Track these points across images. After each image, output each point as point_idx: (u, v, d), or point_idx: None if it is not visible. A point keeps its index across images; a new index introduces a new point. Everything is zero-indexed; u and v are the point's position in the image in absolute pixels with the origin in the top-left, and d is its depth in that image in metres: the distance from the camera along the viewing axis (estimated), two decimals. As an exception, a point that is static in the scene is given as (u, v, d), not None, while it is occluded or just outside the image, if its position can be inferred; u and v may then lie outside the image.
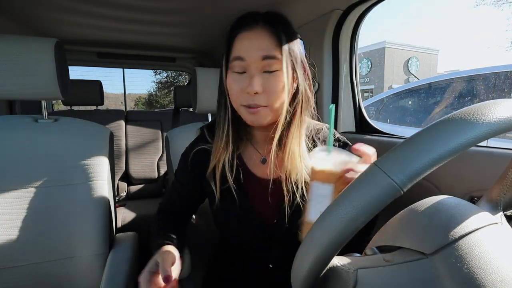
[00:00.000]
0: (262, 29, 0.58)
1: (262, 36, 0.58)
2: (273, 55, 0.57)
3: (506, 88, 1.85)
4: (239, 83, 0.59)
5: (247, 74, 0.58)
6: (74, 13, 1.41)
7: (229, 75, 0.60)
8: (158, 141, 2.11)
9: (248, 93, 0.57)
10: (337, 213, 0.30)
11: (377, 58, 17.41)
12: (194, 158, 0.70)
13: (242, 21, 0.60)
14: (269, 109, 0.59)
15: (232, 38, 0.60)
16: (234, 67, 0.59)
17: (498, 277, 0.29)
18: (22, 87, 0.80)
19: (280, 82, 0.57)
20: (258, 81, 0.57)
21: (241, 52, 0.58)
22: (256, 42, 0.57)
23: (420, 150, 0.28)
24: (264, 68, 0.58)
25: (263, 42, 0.57)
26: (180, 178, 0.74)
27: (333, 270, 0.36)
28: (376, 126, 1.20)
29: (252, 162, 0.69)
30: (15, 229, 0.79)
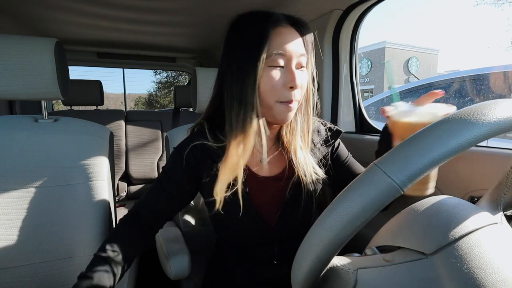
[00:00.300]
0: (291, 27, 0.60)
1: (294, 34, 0.59)
2: (304, 53, 0.60)
3: (506, 88, 1.85)
4: (281, 78, 0.57)
5: (284, 69, 0.58)
6: (74, 13, 1.41)
7: (267, 70, 0.57)
8: (158, 141, 2.11)
9: (291, 87, 0.57)
10: (337, 213, 0.30)
11: (377, 58, 17.40)
12: (191, 154, 0.65)
13: (271, 16, 0.58)
14: (297, 104, 0.61)
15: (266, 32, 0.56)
16: (273, 62, 0.57)
17: (498, 277, 0.29)
18: (22, 87, 0.80)
19: (306, 78, 0.62)
20: (299, 76, 0.58)
21: (283, 47, 0.57)
22: (293, 38, 0.58)
23: (420, 150, 0.28)
24: (298, 64, 0.59)
25: (298, 39, 0.59)
26: (173, 175, 0.67)
27: (333, 270, 0.36)
28: (376, 126, 1.20)
29: (251, 161, 0.67)
30: (15, 229, 0.79)
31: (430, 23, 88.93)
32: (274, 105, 0.59)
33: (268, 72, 0.57)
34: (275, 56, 0.56)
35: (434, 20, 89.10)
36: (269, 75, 0.57)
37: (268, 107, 0.59)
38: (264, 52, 0.56)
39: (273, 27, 0.57)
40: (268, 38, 0.56)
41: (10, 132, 0.84)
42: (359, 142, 1.11)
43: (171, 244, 0.82)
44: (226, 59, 0.62)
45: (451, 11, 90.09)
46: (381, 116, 0.67)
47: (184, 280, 0.92)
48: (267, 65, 0.57)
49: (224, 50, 0.64)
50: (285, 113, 0.59)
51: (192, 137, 0.66)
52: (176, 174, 0.67)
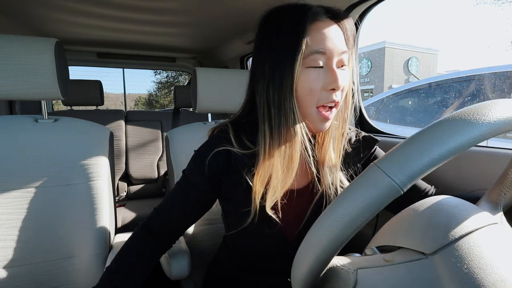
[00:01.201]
0: (330, 21, 0.52)
1: (335, 29, 0.52)
2: (346, 50, 0.52)
3: (506, 88, 1.85)
4: (320, 80, 0.51)
5: (325, 69, 0.51)
6: (74, 13, 1.41)
7: (305, 72, 0.51)
8: (158, 141, 2.10)
9: (333, 89, 0.51)
10: (337, 213, 0.30)
11: (377, 58, 17.41)
12: (213, 160, 0.59)
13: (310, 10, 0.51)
14: (336, 108, 0.54)
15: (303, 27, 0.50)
16: (312, 62, 0.50)
17: (498, 277, 0.29)
18: (22, 87, 0.80)
19: (349, 78, 0.54)
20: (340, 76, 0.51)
21: (323, 44, 0.50)
22: (334, 33, 0.51)
23: (420, 150, 0.28)
24: (339, 62, 0.52)
25: (339, 35, 0.52)
26: (193, 179, 0.61)
27: (333, 270, 0.36)
28: (376, 126, 1.20)
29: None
30: (15, 229, 0.79)
31: (430, 23, 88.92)
32: (312, 112, 0.52)
33: (307, 74, 0.51)
34: (314, 55, 0.50)
35: (434, 20, 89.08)
36: (308, 76, 0.51)
37: (305, 113, 0.53)
38: (301, 51, 0.49)
39: (311, 22, 0.50)
40: (306, 35, 0.50)
41: (10, 132, 0.84)
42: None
43: (171, 244, 0.82)
44: (258, 60, 0.56)
45: (451, 11, 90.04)
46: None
47: (184, 280, 0.92)
48: (305, 66, 0.51)
49: (255, 50, 0.57)
50: (324, 120, 0.53)
51: (215, 141, 0.59)
52: (198, 180, 0.61)
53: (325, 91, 0.51)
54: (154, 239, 0.64)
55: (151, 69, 10.77)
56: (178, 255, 0.77)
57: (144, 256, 0.62)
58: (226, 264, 0.76)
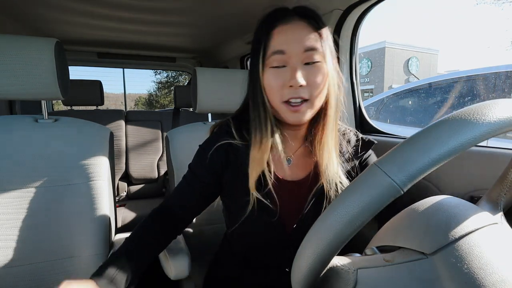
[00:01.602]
0: (299, 21, 0.57)
1: (301, 28, 0.56)
2: (314, 46, 0.56)
3: (506, 88, 1.85)
4: (280, 78, 0.56)
5: (287, 67, 0.56)
6: (74, 13, 1.41)
7: (267, 71, 0.57)
8: (158, 141, 2.10)
9: (291, 86, 0.55)
10: (337, 213, 0.30)
11: (377, 58, 17.40)
12: (215, 153, 0.64)
13: (276, 14, 0.58)
14: (310, 103, 0.57)
15: (267, 32, 0.57)
16: (272, 62, 0.56)
17: (498, 277, 0.29)
18: (22, 87, 0.80)
19: (322, 73, 0.56)
20: (301, 73, 0.55)
21: (281, 45, 0.55)
22: (296, 34, 0.56)
23: (420, 150, 0.28)
24: (305, 60, 0.56)
25: (303, 34, 0.56)
26: (198, 172, 0.66)
27: (333, 270, 0.36)
28: (376, 126, 1.20)
29: (277, 164, 0.63)
30: (15, 229, 0.79)
31: (430, 23, 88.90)
32: (280, 106, 0.58)
33: (269, 73, 0.57)
34: (274, 56, 0.56)
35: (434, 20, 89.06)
36: (269, 76, 0.57)
37: (275, 108, 0.59)
38: (261, 53, 0.57)
39: (276, 25, 0.57)
40: (267, 39, 0.57)
41: (10, 132, 0.84)
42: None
43: (172, 244, 0.82)
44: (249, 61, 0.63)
45: (451, 11, 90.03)
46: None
47: (184, 280, 0.92)
48: (268, 66, 0.57)
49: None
50: (290, 113, 0.57)
51: (218, 136, 0.65)
52: (201, 172, 0.66)
53: (286, 88, 0.56)
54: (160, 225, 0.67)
55: (151, 69, 10.78)
56: (178, 255, 0.77)
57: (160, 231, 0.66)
58: (226, 264, 0.76)
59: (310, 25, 0.57)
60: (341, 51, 1.21)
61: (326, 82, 0.57)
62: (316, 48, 0.56)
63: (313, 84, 0.56)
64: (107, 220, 0.88)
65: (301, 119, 0.57)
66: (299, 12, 0.58)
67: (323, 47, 0.56)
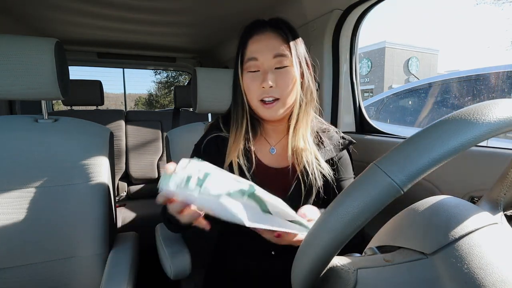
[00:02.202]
0: (270, 32, 0.67)
1: (272, 38, 0.67)
2: (283, 53, 0.66)
3: (506, 88, 1.85)
4: (255, 80, 0.67)
5: (260, 71, 0.67)
6: (74, 13, 1.41)
7: (245, 75, 0.68)
8: (158, 141, 2.10)
9: (263, 87, 0.65)
10: (337, 213, 0.30)
11: (377, 58, 17.40)
12: (207, 146, 0.74)
13: (251, 28, 0.69)
14: (281, 102, 0.67)
15: (244, 42, 0.68)
16: (249, 67, 0.67)
17: (498, 277, 0.29)
18: (22, 87, 0.80)
19: (290, 76, 0.66)
20: (271, 76, 0.65)
21: (254, 53, 0.66)
22: (266, 43, 0.66)
23: (420, 150, 0.28)
24: (275, 65, 0.66)
25: (272, 42, 0.66)
26: None
27: (333, 270, 0.36)
28: (376, 126, 1.20)
29: (262, 153, 0.74)
30: (15, 229, 0.79)
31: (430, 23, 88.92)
32: (257, 104, 0.68)
33: (246, 76, 0.68)
34: (249, 63, 0.67)
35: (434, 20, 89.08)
36: (247, 79, 0.68)
37: (254, 106, 0.69)
38: (239, 60, 0.69)
39: (250, 37, 0.68)
40: (244, 48, 0.68)
41: (10, 132, 0.84)
42: (359, 142, 1.11)
43: (171, 244, 0.82)
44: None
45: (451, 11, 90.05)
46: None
47: (184, 280, 0.92)
48: (246, 71, 0.68)
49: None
50: (265, 111, 0.67)
51: (208, 132, 0.76)
52: None
53: (260, 89, 0.66)
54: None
55: (151, 69, 10.78)
56: (178, 255, 0.77)
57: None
58: (226, 264, 0.77)
59: (280, 35, 0.67)
60: (341, 51, 1.21)
61: (294, 83, 0.67)
62: (285, 54, 0.66)
63: (282, 85, 0.66)
64: (107, 220, 0.88)
65: (274, 115, 0.68)
66: (272, 24, 0.68)
67: (292, 54, 0.66)
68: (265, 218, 0.47)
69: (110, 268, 0.79)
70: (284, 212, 0.48)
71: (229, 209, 0.44)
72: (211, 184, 0.44)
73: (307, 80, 0.70)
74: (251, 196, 0.45)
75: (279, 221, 0.47)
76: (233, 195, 0.44)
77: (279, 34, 0.67)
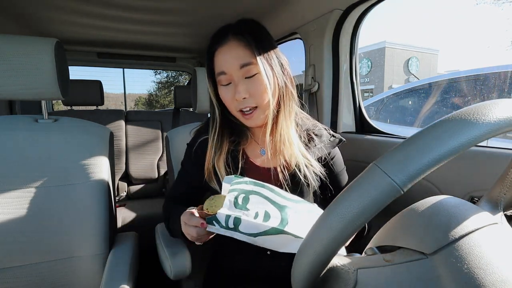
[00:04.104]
0: (233, 41, 0.65)
1: (235, 47, 0.64)
2: (249, 61, 0.64)
3: (506, 88, 1.85)
4: (228, 93, 0.66)
5: (232, 84, 0.66)
6: (74, 13, 1.41)
7: (220, 88, 0.68)
8: (158, 141, 2.10)
9: (237, 99, 0.65)
10: (337, 213, 0.30)
11: (377, 58, 17.39)
12: (199, 148, 0.75)
13: (215, 38, 0.67)
14: (259, 109, 0.67)
15: (211, 56, 0.67)
16: (221, 81, 0.67)
17: (498, 277, 0.29)
18: (22, 87, 0.80)
19: (261, 83, 0.64)
20: (242, 88, 0.64)
21: (222, 67, 0.65)
22: (230, 54, 0.64)
23: (420, 150, 0.28)
24: (244, 74, 0.64)
25: (236, 53, 0.64)
26: (186, 167, 0.79)
27: (333, 270, 0.36)
28: (376, 126, 1.20)
29: (253, 154, 0.75)
30: (15, 229, 0.79)
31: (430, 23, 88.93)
32: (237, 114, 0.68)
33: (221, 90, 0.68)
34: (220, 77, 0.66)
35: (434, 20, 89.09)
36: (222, 92, 0.68)
37: (236, 116, 0.70)
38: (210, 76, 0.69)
39: (215, 49, 0.66)
40: (212, 61, 0.67)
41: (10, 132, 0.84)
42: (359, 142, 1.11)
43: (171, 244, 0.82)
44: None
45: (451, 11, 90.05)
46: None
47: (184, 280, 0.92)
48: (220, 84, 0.67)
49: None
50: (245, 119, 0.68)
51: (199, 133, 0.77)
52: (190, 167, 0.78)
53: (235, 101, 0.66)
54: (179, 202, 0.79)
55: (151, 69, 10.77)
56: (178, 255, 0.77)
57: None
58: (225, 264, 0.77)
59: (243, 41, 0.64)
60: (341, 51, 1.21)
61: (267, 88, 0.64)
62: (251, 62, 0.64)
63: (255, 94, 0.65)
64: (107, 220, 0.88)
65: (256, 122, 0.68)
66: (234, 31, 0.65)
67: (258, 59, 0.63)
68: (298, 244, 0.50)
69: (110, 268, 0.79)
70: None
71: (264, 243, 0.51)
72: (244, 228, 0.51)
73: (282, 80, 0.67)
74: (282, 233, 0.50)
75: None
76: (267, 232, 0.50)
77: (241, 41, 0.64)
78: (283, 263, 0.71)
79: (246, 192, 0.54)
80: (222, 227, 0.51)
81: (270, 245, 0.52)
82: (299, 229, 0.50)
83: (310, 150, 0.72)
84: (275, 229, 0.49)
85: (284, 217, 0.51)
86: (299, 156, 0.69)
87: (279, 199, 0.55)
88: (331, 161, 0.76)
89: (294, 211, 0.53)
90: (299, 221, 0.52)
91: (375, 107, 2.83)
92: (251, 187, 0.56)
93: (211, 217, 0.52)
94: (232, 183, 0.56)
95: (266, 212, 0.52)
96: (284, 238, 0.50)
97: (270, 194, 0.55)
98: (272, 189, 0.57)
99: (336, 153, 0.78)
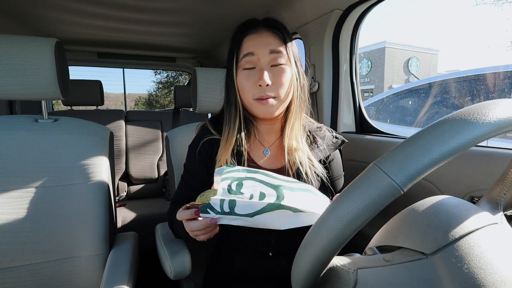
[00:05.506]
0: (265, 30, 0.67)
1: (268, 35, 0.66)
2: (279, 49, 0.65)
3: (506, 88, 1.85)
4: (251, 78, 0.65)
5: (256, 69, 0.65)
6: (74, 13, 1.41)
7: (240, 73, 0.66)
8: (158, 141, 2.10)
9: (260, 85, 0.63)
10: (337, 213, 0.30)
11: (377, 58, 17.39)
12: (202, 149, 0.73)
13: (245, 26, 0.68)
14: (277, 100, 0.66)
15: (239, 40, 0.67)
16: (244, 64, 0.65)
17: (498, 277, 0.29)
18: (22, 87, 0.80)
19: (286, 75, 0.65)
20: (268, 74, 0.63)
21: (251, 48, 0.65)
22: (261, 39, 0.65)
23: (420, 150, 0.28)
24: (271, 62, 0.65)
25: (269, 39, 0.65)
26: (190, 169, 0.77)
27: (333, 270, 0.36)
28: (376, 126, 1.20)
29: (256, 155, 0.73)
30: (15, 229, 0.79)
31: (430, 23, 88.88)
32: (251, 103, 0.66)
33: (241, 74, 0.66)
34: (245, 59, 0.65)
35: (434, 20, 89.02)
36: (242, 77, 0.66)
37: (248, 105, 0.68)
38: (234, 57, 0.66)
39: (245, 35, 0.66)
40: (239, 46, 0.66)
41: (10, 132, 0.84)
42: (359, 142, 1.11)
43: (171, 244, 0.82)
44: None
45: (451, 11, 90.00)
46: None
47: (184, 280, 0.92)
48: (241, 68, 0.66)
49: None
50: (261, 108, 0.65)
51: (202, 134, 0.75)
52: (194, 167, 0.75)
53: (255, 87, 0.64)
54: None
55: (151, 69, 10.78)
56: (178, 255, 0.77)
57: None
58: (225, 264, 0.77)
59: (275, 34, 0.66)
60: (341, 51, 1.21)
61: (290, 82, 0.66)
62: (281, 51, 0.65)
63: (278, 83, 0.65)
64: (107, 220, 0.88)
65: (271, 112, 0.66)
66: (266, 23, 0.68)
67: (287, 52, 0.66)
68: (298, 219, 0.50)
69: (110, 268, 0.79)
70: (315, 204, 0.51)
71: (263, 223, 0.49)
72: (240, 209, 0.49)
73: (302, 79, 0.69)
74: (279, 207, 0.48)
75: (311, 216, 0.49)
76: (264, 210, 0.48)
77: (274, 33, 0.66)
78: (283, 262, 0.71)
79: (239, 179, 0.52)
80: (218, 213, 0.49)
81: (269, 224, 0.49)
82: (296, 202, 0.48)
83: (313, 152, 0.72)
84: (271, 205, 0.47)
85: (280, 193, 0.49)
86: (303, 157, 0.68)
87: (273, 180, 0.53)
88: (329, 164, 0.76)
89: (290, 189, 0.51)
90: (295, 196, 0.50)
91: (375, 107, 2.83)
92: (244, 174, 0.54)
93: (205, 205, 0.50)
94: (224, 172, 0.54)
95: (261, 192, 0.50)
96: (282, 213, 0.48)
97: (264, 178, 0.54)
98: (267, 173, 0.55)
99: (335, 157, 0.77)
